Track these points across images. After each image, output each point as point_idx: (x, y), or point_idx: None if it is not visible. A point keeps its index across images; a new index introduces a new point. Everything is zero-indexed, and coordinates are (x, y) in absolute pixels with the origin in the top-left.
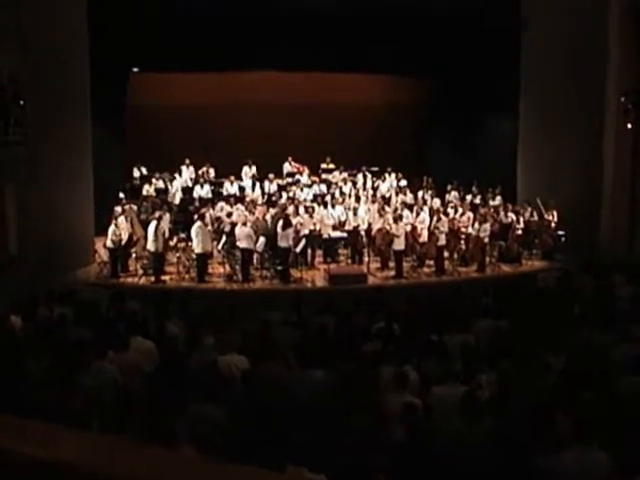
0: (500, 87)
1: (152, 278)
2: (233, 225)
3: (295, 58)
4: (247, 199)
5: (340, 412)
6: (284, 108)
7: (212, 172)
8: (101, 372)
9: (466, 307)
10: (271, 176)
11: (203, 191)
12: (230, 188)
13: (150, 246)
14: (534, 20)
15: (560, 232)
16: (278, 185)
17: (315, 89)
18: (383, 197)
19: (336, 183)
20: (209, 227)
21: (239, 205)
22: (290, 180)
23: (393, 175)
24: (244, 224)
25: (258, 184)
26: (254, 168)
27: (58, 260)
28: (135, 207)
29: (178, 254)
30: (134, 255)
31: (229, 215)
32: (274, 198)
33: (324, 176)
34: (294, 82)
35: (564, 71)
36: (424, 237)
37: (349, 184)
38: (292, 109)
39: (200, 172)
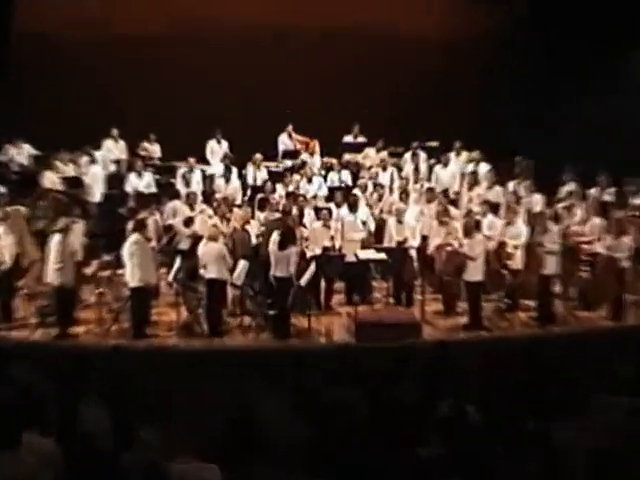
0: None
1: (55, 330)
2: (195, 240)
3: None
4: (217, 196)
5: None
6: (279, 40)
7: (157, 150)
8: None
9: (589, 377)
10: (257, 157)
11: (142, 182)
12: (189, 178)
13: (52, 276)
14: None
15: None
16: (269, 172)
17: (333, 8)
18: (446, 192)
19: (369, 168)
20: (153, 243)
21: (204, 206)
22: (289, 164)
23: (464, 155)
24: (213, 238)
25: (236, 171)
26: (225, 145)
27: None
28: (25, 210)
29: (100, 289)
30: (23, 291)
31: (187, 223)
32: (263, 194)
33: (348, 157)
34: None
35: None
36: (518, 260)
37: (390, 170)
38: (294, 42)
39: (141, 150)
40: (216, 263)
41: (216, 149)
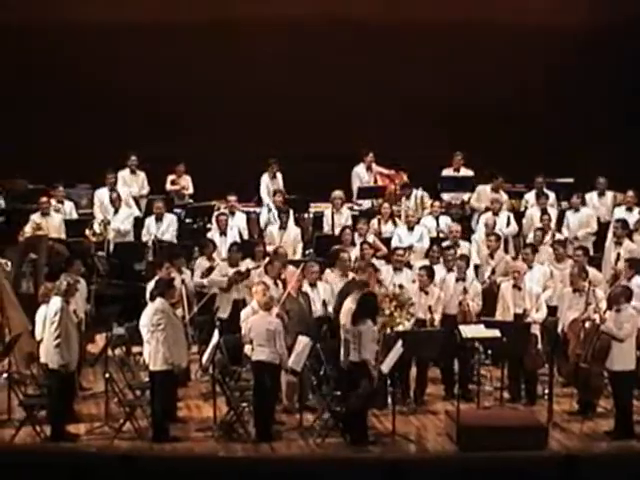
0: None
1: (45, 429)
2: (236, 307)
3: None
4: (269, 248)
5: None
6: (345, 34)
7: (189, 184)
8: None
9: None
10: (337, 195)
11: (170, 229)
12: (230, 222)
13: (47, 355)
14: None
15: None
16: (355, 217)
17: None
18: (585, 248)
19: (481, 213)
20: (183, 311)
21: (248, 261)
22: (365, 205)
23: (609, 196)
24: (267, 308)
25: (293, 214)
26: (279, 177)
27: None
28: (8, 263)
29: (108, 374)
30: (3, 376)
31: (231, 286)
32: (340, 245)
33: (447, 197)
34: None
35: None
36: None
37: (505, 215)
38: (363, 36)
39: (172, 185)
40: (266, 339)
41: (267, 184)
